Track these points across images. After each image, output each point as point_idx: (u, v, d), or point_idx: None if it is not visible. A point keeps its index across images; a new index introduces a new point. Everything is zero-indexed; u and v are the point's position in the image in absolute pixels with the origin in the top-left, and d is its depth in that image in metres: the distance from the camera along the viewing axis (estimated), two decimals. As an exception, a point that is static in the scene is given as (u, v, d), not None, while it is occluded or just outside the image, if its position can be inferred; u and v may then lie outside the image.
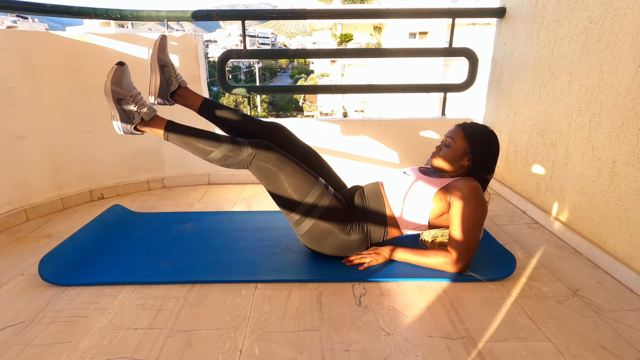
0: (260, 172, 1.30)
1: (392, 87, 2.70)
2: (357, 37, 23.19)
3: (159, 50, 1.38)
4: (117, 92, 1.26)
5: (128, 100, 1.28)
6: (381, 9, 2.31)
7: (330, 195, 1.31)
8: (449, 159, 1.32)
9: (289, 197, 1.29)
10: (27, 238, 1.61)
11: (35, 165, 1.82)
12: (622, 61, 1.26)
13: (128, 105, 1.28)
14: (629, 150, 1.23)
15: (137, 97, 1.30)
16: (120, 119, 1.29)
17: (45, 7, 1.87)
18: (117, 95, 1.27)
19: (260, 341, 1.00)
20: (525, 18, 1.84)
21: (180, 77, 1.45)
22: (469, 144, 1.29)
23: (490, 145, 1.30)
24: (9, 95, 1.68)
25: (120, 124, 1.30)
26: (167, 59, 1.40)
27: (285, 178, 1.28)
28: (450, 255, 1.25)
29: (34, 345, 0.99)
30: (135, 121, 1.30)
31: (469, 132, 1.31)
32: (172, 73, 1.41)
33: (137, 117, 1.30)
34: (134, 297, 1.19)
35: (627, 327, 1.05)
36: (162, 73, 1.38)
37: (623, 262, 1.26)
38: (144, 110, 1.30)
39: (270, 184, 1.30)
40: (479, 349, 0.97)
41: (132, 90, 1.30)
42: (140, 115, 1.30)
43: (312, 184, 1.29)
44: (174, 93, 1.44)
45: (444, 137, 1.37)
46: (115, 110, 1.28)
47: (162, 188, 2.22)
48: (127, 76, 1.30)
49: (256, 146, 1.28)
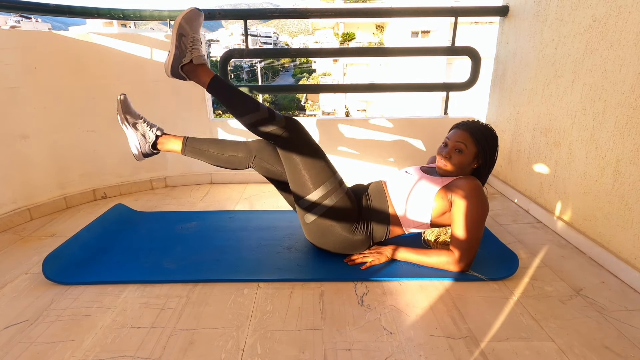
0: (283, 150, 1.32)
1: (394, 86, 2.69)
2: (360, 36, 23.16)
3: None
4: (183, 28, 1.30)
5: (188, 39, 1.32)
6: (383, 7, 2.30)
7: (343, 193, 1.32)
8: (462, 165, 1.30)
9: (304, 183, 1.30)
10: (31, 237, 1.62)
11: (39, 165, 1.83)
12: (627, 60, 1.25)
13: (185, 43, 1.32)
14: (633, 149, 1.23)
15: (196, 41, 1.34)
16: (173, 54, 1.32)
17: (49, 7, 1.88)
18: (181, 29, 1.30)
19: (263, 340, 1.00)
20: (528, 16, 1.83)
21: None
22: (478, 149, 1.29)
23: (496, 146, 1.33)
24: (12, 94, 1.69)
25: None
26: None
27: (304, 163, 1.29)
28: (453, 254, 1.25)
29: (38, 343, 1.00)
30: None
31: (478, 137, 1.29)
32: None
33: (187, 56, 1.32)
34: (137, 296, 1.19)
35: (630, 327, 1.05)
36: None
37: (627, 262, 1.26)
38: (196, 54, 1.33)
39: (289, 165, 1.32)
40: (482, 349, 0.97)
41: (196, 34, 1.35)
42: (192, 56, 1.33)
43: (329, 177, 1.30)
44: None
45: (451, 141, 1.30)
46: (173, 45, 1.32)
47: (165, 187, 2.23)
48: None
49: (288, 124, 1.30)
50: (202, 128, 2.19)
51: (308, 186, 1.29)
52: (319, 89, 6.32)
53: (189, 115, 2.16)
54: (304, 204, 1.32)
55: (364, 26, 22.79)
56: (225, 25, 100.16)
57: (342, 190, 1.32)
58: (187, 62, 1.33)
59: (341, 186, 1.33)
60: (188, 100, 2.14)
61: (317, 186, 1.29)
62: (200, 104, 2.16)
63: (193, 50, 1.34)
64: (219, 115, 11.01)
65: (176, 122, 2.14)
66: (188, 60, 1.33)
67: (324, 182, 1.29)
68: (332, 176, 1.31)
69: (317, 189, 1.29)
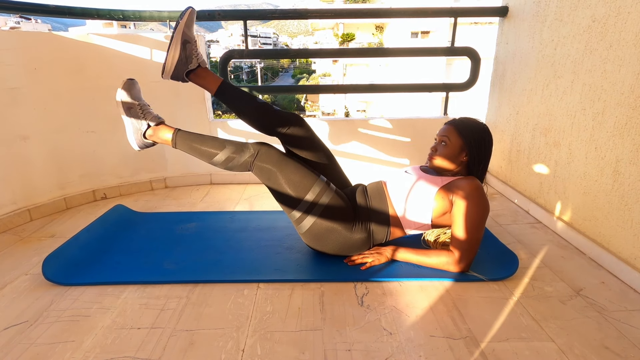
0: (261, 173, 1.32)
1: (394, 86, 2.69)
2: (359, 37, 23.17)
3: (185, 25, 1.32)
4: (126, 102, 1.36)
5: (136, 109, 1.37)
6: (383, 8, 2.30)
7: (332, 193, 1.32)
8: (447, 156, 1.33)
9: (289, 195, 1.30)
10: (31, 238, 1.62)
11: (39, 165, 1.83)
12: (626, 60, 1.25)
13: (136, 113, 1.37)
14: (632, 149, 1.23)
15: (145, 107, 1.39)
16: (131, 128, 1.38)
17: (48, 8, 1.88)
18: (126, 104, 1.36)
19: (263, 341, 1.00)
20: (527, 17, 1.83)
21: (202, 57, 1.38)
22: (463, 140, 1.31)
23: (484, 137, 1.33)
24: (12, 95, 1.69)
25: (133, 135, 1.40)
26: (192, 36, 1.35)
27: (284, 176, 1.29)
28: (453, 255, 1.25)
29: (37, 344, 1.00)
30: (143, 128, 1.39)
31: (461, 128, 1.33)
32: (194, 51, 1.35)
33: (143, 125, 1.38)
34: (137, 297, 1.19)
35: (630, 328, 1.05)
36: (184, 49, 1.33)
37: (627, 262, 1.26)
38: (150, 118, 1.38)
39: (271, 183, 1.32)
40: (482, 349, 0.97)
41: (141, 101, 1.40)
42: (147, 121, 1.38)
43: (313, 181, 1.30)
44: (190, 72, 1.38)
45: (438, 136, 1.37)
46: (127, 119, 1.38)
47: (165, 188, 2.23)
48: (136, 88, 1.39)
49: (257, 146, 1.31)
50: (202, 129, 2.19)
51: (293, 197, 1.30)
52: (318, 90, 6.33)
53: (189, 116, 2.16)
54: (295, 216, 1.32)
55: (363, 27, 22.80)
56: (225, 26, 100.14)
57: (331, 190, 1.32)
58: (194, 67, 1.36)
59: (329, 187, 1.33)
60: (188, 100, 2.14)
61: (303, 194, 1.29)
62: (200, 104, 2.16)
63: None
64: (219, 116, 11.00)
65: (176, 122, 2.12)
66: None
67: (309, 188, 1.29)
68: (316, 179, 1.31)
69: (304, 197, 1.29)
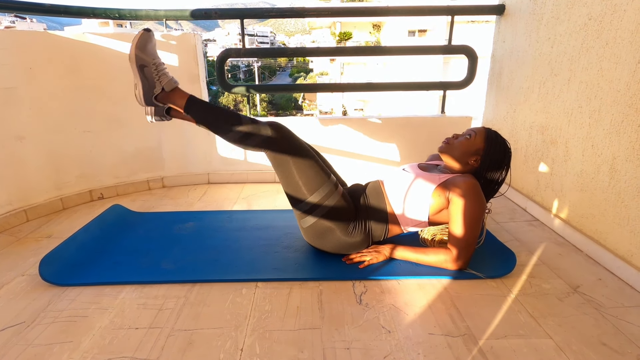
0: (274, 158, 1.28)
1: (391, 85, 2.69)
2: (356, 36, 23.16)
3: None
4: (141, 58, 1.25)
5: (151, 67, 1.27)
6: (380, 6, 2.30)
7: (339, 195, 1.31)
8: (462, 148, 1.32)
9: (299, 190, 1.29)
10: (28, 238, 1.61)
11: (35, 166, 1.81)
12: (622, 57, 1.25)
13: (150, 72, 1.27)
14: (628, 146, 1.23)
15: (159, 65, 1.29)
16: (142, 87, 1.27)
17: (44, 7, 1.86)
18: (140, 61, 1.25)
19: (261, 340, 1.00)
20: (524, 15, 1.84)
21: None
22: (485, 145, 1.31)
23: (503, 158, 1.31)
24: (8, 95, 1.68)
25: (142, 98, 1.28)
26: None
27: (297, 169, 1.27)
28: (451, 252, 1.25)
29: (35, 345, 0.99)
30: (156, 90, 1.28)
31: (491, 136, 1.32)
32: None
33: (157, 86, 1.28)
34: (134, 297, 1.19)
35: (627, 324, 1.05)
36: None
37: (623, 259, 1.26)
38: (165, 80, 1.28)
39: (282, 171, 1.29)
40: (480, 346, 0.97)
41: (156, 59, 1.28)
42: (162, 84, 1.28)
43: (323, 181, 1.29)
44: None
45: (466, 130, 1.38)
46: (138, 77, 1.26)
47: (162, 187, 2.22)
48: (151, 43, 1.28)
49: (276, 130, 1.26)
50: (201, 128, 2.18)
51: (303, 191, 1.28)
52: (316, 89, 6.30)
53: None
54: (301, 209, 1.31)
55: (360, 25, 22.80)
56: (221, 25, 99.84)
57: (338, 192, 1.32)
58: (159, 92, 1.29)
59: (337, 188, 1.32)
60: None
61: (313, 191, 1.28)
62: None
63: (161, 77, 1.28)
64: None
65: (175, 121, 2.12)
66: (159, 89, 1.28)
67: (320, 186, 1.28)
68: (326, 180, 1.30)
69: (313, 194, 1.28)
